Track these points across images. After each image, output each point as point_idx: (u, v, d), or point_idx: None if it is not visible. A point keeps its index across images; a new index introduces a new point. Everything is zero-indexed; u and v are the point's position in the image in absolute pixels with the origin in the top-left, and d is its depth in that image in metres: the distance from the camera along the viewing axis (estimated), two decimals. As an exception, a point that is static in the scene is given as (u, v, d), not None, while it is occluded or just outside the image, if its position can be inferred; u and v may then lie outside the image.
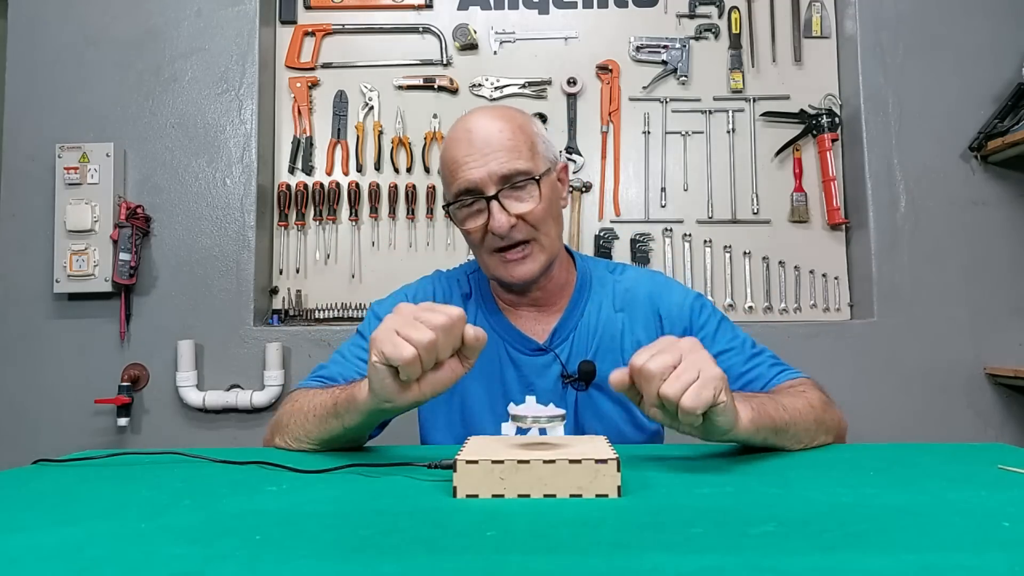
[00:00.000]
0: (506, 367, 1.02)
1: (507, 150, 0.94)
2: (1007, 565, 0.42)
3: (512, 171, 0.94)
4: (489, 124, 0.96)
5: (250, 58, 1.94)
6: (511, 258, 0.96)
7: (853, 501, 0.57)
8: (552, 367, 1.01)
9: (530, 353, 1.01)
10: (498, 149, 0.94)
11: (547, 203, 0.96)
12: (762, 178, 2.00)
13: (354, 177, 2.01)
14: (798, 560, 0.43)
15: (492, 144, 0.94)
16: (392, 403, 0.72)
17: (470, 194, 0.95)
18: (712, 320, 1.04)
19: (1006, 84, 1.88)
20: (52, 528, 0.52)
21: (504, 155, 0.94)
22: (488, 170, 0.93)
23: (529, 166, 0.95)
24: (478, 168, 0.94)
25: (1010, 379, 1.80)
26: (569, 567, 0.42)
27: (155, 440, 1.86)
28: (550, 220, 0.98)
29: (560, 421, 0.69)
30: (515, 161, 0.94)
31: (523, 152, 0.95)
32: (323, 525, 0.51)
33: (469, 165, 0.94)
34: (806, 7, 2.04)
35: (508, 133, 0.95)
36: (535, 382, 1.01)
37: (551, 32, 2.04)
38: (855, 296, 1.96)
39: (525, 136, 0.97)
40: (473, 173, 0.94)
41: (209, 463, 0.75)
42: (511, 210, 0.94)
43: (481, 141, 0.95)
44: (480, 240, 0.97)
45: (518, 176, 0.94)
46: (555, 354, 1.01)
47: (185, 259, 1.90)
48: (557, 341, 1.03)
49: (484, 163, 0.94)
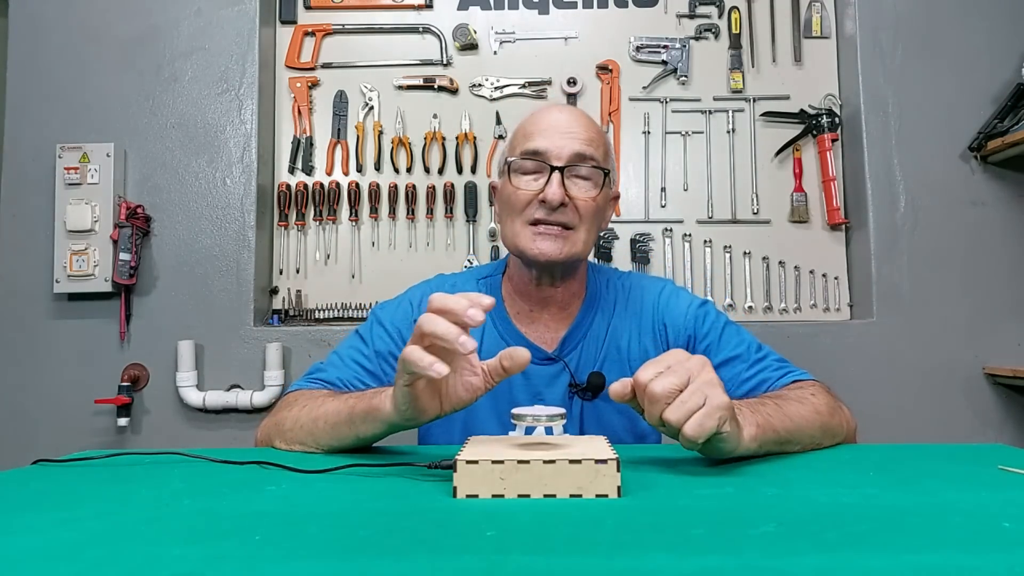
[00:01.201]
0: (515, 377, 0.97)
1: (589, 139, 0.97)
2: (1007, 565, 0.42)
3: (587, 154, 0.96)
4: (576, 114, 1.00)
5: (250, 58, 1.94)
6: (544, 232, 0.96)
7: (853, 501, 0.57)
8: (561, 377, 1.01)
9: (539, 362, 1.00)
10: (582, 134, 0.97)
11: (598, 205, 0.98)
12: (762, 178, 2.00)
13: (354, 177, 2.01)
14: (798, 560, 0.43)
15: (578, 128, 0.97)
16: (416, 421, 0.72)
17: (538, 156, 0.96)
18: (716, 327, 1.03)
19: (1006, 84, 1.88)
20: (52, 528, 0.52)
21: (585, 140, 0.97)
22: (566, 145, 0.96)
23: (599, 160, 0.98)
24: (557, 138, 0.96)
25: (1009, 379, 1.80)
26: (569, 567, 0.42)
27: (155, 440, 1.86)
28: (593, 221, 0.99)
29: (560, 420, 0.69)
30: (592, 149, 0.97)
31: (600, 150, 0.98)
32: (323, 525, 0.51)
33: (549, 133, 0.97)
34: (806, 7, 2.04)
35: (593, 129, 0.99)
36: (543, 391, 1.00)
37: (551, 32, 2.04)
38: (855, 296, 1.96)
39: (604, 141, 1.01)
40: (550, 140, 0.96)
41: (209, 463, 0.75)
42: (569, 189, 0.96)
43: (570, 121, 0.98)
44: (524, 205, 0.97)
45: (590, 161, 0.96)
46: (564, 363, 1.01)
47: (185, 259, 1.90)
48: (567, 350, 1.02)
49: (564, 138, 0.96)
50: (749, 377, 0.98)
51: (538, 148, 0.96)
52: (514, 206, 0.98)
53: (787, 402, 0.83)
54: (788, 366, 1.01)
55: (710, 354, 0.98)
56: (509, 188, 0.99)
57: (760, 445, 0.73)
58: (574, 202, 0.96)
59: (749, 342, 1.03)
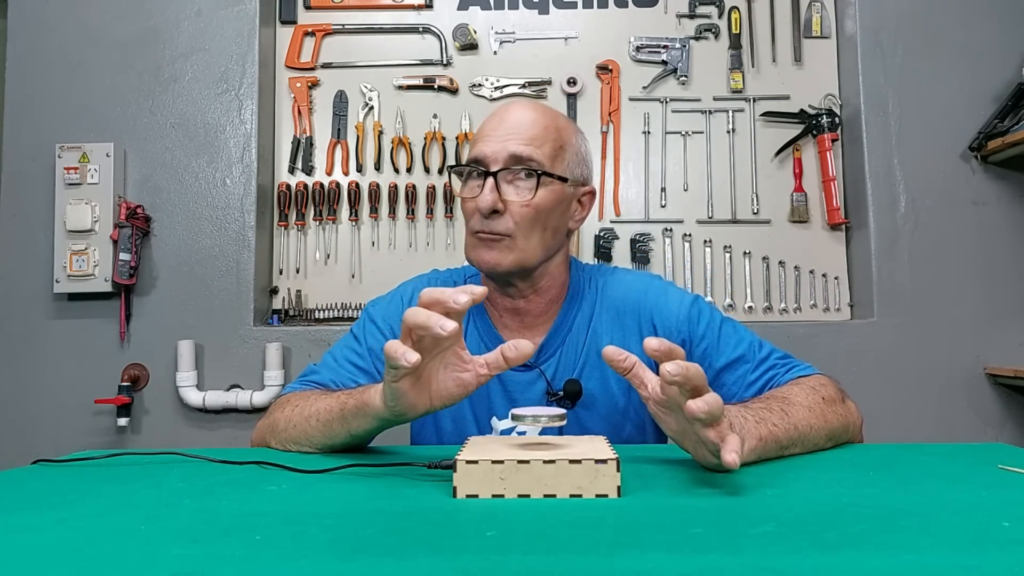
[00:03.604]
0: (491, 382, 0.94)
1: (531, 138, 0.93)
2: (1007, 565, 0.42)
3: (524, 155, 0.92)
4: (525, 112, 0.96)
5: (250, 58, 1.94)
6: (482, 239, 0.95)
7: (853, 501, 0.57)
8: (538, 383, 0.98)
9: (516, 370, 0.93)
10: (523, 134, 0.93)
11: (539, 206, 0.93)
12: (762, 178, 2.00)
13: (354, 177, 2.01)
14: (798, 560, 0.43)
15: (522, 127, 0.94)
16: (405, 416, 0.72)
17: (477, 163, 0.94)
18: (712, 327, 0.99)
19: (1006, 84, 1.88)
20: (52, 528, 0.52)
21: (525, 140, 0.93)
22: (503, 147, 0.92)
23: (540, 160, 0.93)
24: (496, 142, 0.93)
25: (1010, 379, 1.80)
26: (569, 567, 0.42)
27: (155, 440, 1.86)
28: (537, 225, 0.94)
29: (560, 421, 0.69)
30: (533, 149, 0.92)
31: (544, 148, 0.93)
32: (323, 525, 0.51)
33: (489, 139, 0.94)
34: (806, 7, 2.04)
35: (540, 126, 0.94)
36: (518, 399, 0.98)
37: (551, 32, 2.04)
38: (855, 296, 1.96)
39: (554, 137, 0.95)
40: (488, 146, 0.93)
41: (209, 463, 0.75)
42: (503, 194, 0.92)
43: (511, 123, 0.94)
44: (469, 215, 0.97)
45: (524, 162, 0.92)
46: (540, 371, 0.98)
47: (185, 259, 1.90)
48: (544, 357, 0.99)
49: (503, 140, 0.93)
50: (755, 379, 0.95)
51: (477, 155, 0.94)
52: (465, 215, 0.98)
53: (794, 407, 0.80)
54: (792, 361, 0.97)
55: (710, 357, 0.96)
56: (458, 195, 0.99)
57: (760, 456, 0.72)
58: (509, 207, 0.92)
59: (750, 340, 0.99)
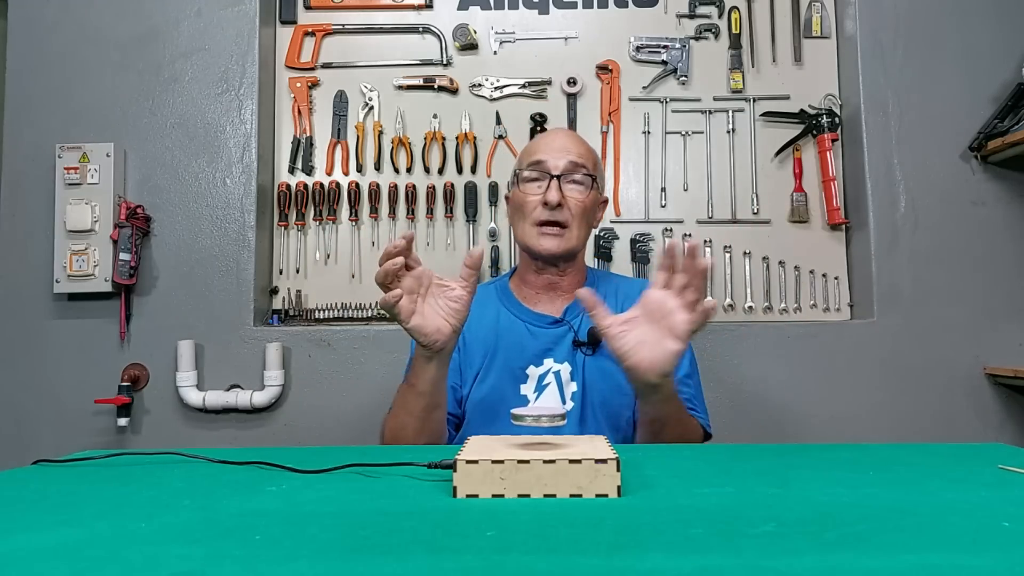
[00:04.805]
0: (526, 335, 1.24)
1: (579, 153, 1.25)
2: (1007, 565, 0.42)
3: (579, 163, 1.23)
4: (570, 136, 1.30)
5: (250, 58, 1.94)
6: (546, 231, 1.21)
7: (853, 501, 0.57)
8: (567, 336, 1.23)
9: (547, 326, 1.24)
10: (574, 150, 1.25)
11: (587, 206, 1.24)
12: (762, 178, 2.00)
13: (354, 177, 2.01)
14: (798, 560, 0.43)
15: (571, 145, 1.26)
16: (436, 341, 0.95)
17: (540, 166, 1.23)
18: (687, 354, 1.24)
19: (1006, 84, 1.88)
20: (52, 528, 0.52)
21: (576, 154, 1.24)
22: (562, 157, 1.23)
23: (591, 169, 1.25)
24: (554, 153, 1.23)
25: (1010, 379, 1.80)
26: (569, 567, 0.42)
27: (155, 440, 1.85)
28: (585, 220, 1.24)
29: (561, 420, 0.69)
30: (583, 161, 1.24)
31: (588, 160, 1.26)
32: (323, 525, 0.51)
33: (548, 150, 1.24)
34: (806, 7, 2.04)
35: (584, 147, 1.28)
36: (552, 348, 1.22)
37: (551, 32, 2.04)
38: (855, 296, 1.96)
39: (593, 154, 1.29)
40: (549, 155, 1.24)
41: (209, 463, 0.75)
42: (565, 191, 1.21)
43: (563, 140, 1.27)
44: (530, 209, 1.22)
45: (581, 170, 1.23)
46: (569, 324, 1.24)
47: (185, 259, 1.90)
48: (571, 316, 1.25)
49: (560, 153, 1.24)
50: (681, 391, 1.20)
51: (539, 159, 1.23)
52: (523, 210, 1.24)
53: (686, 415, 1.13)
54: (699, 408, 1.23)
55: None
56: (519, 195, 1.25)
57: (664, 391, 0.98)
58: (568, 202, 1.21)
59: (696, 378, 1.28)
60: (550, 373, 1.20)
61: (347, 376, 1.86)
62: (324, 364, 1.87)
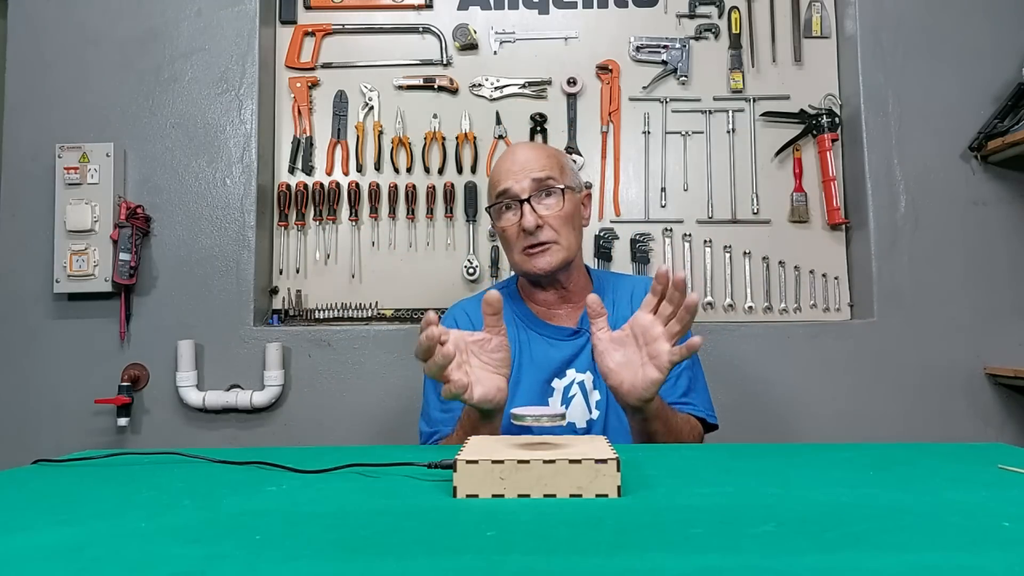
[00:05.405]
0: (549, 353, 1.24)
1: (542, 166, 1.21)
2: (1007, 565, 0.42)
3: (543, 178, 1.20)
4: (528, 151, 1.25)
5: (250, 58, 1.94)
6: (534, 252, 1.19)
7: (853, 501, 0.57)
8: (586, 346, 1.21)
9: (567, 338, 1.24)
10: (535, 164, 1.22)
11: (568, 215, 1.21)
12: (762, 178, 2.00)
13: (354, 177, 2.01)
14: (798, 560, 0.43)
15: (531, 161, 1.22)
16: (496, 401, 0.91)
17: (507, 196, 1.21)
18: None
19: (1006, 84, 1.88)
20: (52, 528, 0.52)
21: (538, 169, 1.21)
22: (524, 179, 1.20)
23: (555, 178, 1.21)
24: (516, 177, 1.20)
25: (1010, 379, 1.80)
26: (569, 567, 0.42)
27: (155, 440, 1.85)
28: (569, 227, 1.22)
29: (561, 420, 0.69)
30: (547, 173, 1.21)
31: (552, 170, 1.22)
32: (323, 525, 0.51)
33: (508, 175, 1.21)
34: (806, 7, 2.04)
35: (544, 158, 1.23)
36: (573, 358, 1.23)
37: (551, 32, 2.04)
38: (855, 296, 1.96)
39: (555, 160, 1.25)
40: (511, 180, 1.20)
41: (209, 463, 0.75)
42: (539, 211, 1.19)
43: (521, 159, 1.23)
44: (514, 238, 1.21)
45: (547, 181, 1.20)
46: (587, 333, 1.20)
47: (185, 259, 1.90)
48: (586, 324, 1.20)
49: (521, 175, 1.20)
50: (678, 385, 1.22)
51: (504, 189, 1.21)
52: (507, 241, 1.24)
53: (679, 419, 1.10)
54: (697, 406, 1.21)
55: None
56: (499, 228, 1.25)
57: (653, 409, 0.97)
58: (547, 220, 1.19)
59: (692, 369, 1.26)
60: (574, 384, 1.21)
61: (347, 376, 1.86)
62: (324, 364, 1.87)
